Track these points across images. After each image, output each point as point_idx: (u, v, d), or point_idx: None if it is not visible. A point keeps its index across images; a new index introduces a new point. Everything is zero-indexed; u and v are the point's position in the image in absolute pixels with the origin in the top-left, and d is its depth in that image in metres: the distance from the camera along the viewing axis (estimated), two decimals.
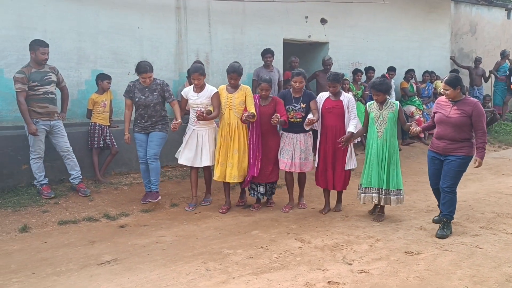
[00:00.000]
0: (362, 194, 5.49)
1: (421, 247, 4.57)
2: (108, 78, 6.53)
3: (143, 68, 5.59)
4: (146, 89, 5.73)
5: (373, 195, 5.40)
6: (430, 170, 5.23)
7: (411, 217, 5.57)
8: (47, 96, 5.68)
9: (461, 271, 3.98)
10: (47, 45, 5.64)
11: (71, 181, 6.03)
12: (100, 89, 6.52)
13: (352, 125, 5.64)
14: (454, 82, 4.84)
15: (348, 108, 5.73)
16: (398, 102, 5.54)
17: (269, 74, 7.00)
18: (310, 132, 5.93)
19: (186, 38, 7.63)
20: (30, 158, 5.76)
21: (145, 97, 5.72)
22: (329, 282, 3.77)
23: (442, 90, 4.98)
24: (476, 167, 4.92)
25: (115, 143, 6.58)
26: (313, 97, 5.85)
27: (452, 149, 4.88)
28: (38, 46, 5.57)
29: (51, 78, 5.72)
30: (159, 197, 5.86)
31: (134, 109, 5.87)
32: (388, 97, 5.47)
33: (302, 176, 6.11)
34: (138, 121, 5.85)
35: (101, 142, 6.47)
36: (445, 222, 4.98)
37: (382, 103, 5.42)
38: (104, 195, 6.11)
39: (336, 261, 4.23)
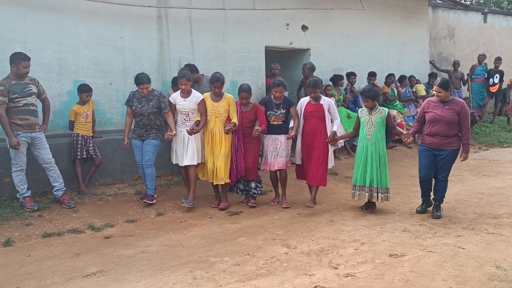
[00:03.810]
0: (357, 192, 5.92)
1: (406, 249, 4.63)
2: (87, 91, 6.47)
3: (140, 79, 6.05)
4: (144, 99, 6.15)
5: (366, 193, 5.86)
6: (423, 162, 5.75)
7: (395, 220, 5.64)
8: (27, 108, 5.63)
9: (445, 271, 4.04)
10: (28, 59, 5.60)
11: (55, 193, 5.97)
12: (81, 100, 6.48)
13: (335, 125, 6.18)
14: (446, 85, 5.53)
15: (329, 111, 6.23)
16: (386, 109, 5.98)
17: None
18: None
19: (168, 47, 7.64)
20: (12, 170, 5.69)
21: (141, 106, 6.13)
22: (315, 287, 3.79)
23: (435, 92, 5.61)
24: (462, 160, 5.70)
25: (98, 154, 6.54)
26: (293, 103, 6.34)
27: (444, 144, 5.56)
28: (20, 60, 5.52)
29: (31, 90, 5.67)
30: (154, 201, 6.26)
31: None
32: (377, 103, 5.91)
33: (283, 175, 6.40)
34: (135, 129, 6.27)
35: (85, 153, 6.42)
36: (437, 205, 5.75)
37: (371, 108, 5.85)
38: (88, 206, 6.06)
39: (322, 265, 4.27)
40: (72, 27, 6.69)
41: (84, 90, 6.45)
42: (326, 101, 6.25)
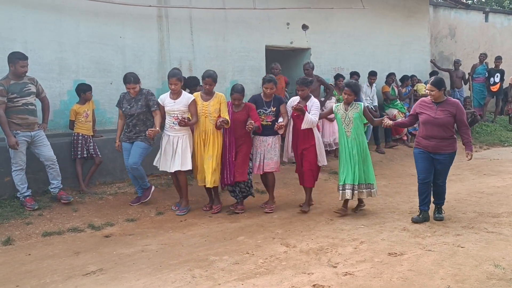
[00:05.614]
0: (340, 191, 5.73)
1: (405, 248, 4.63)
2: (89, 89, 6.49)
3: (127, 78, 5.85)
4: (133, 100, 5.95)
5: (347, 191, 5.65)
6: (420, 165, 5.48)
7: (395, 219, 5.64)
8: (26, 107, 5.63)
9: (443, 270, 4.04)
10: (26, 58, 5.60)
11: (51, 190, 5.94)
12: (82, 99, 6.49)
13: (312, 115, 5.79)
14: (439, 83, 5.25)
15: (310, 109, 5.88)
16: (362, 103, 5.83)
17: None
18: (279, 135, 6.10)
19: (168, 46, 7.65)
20: (12, 170, 5.70)
21: (130, 107, 5.94)
22: (314, 286, 3.80)
23: (428, 91, 5.33)
24: (469, 159, 5.46)
25: (99, 153, 6.55)
26: (283, 101, 6.17)
27: (441, 147, 5.31)
28: (17, 59, 5.53)
29: (30, 89, 5.68)
30: (149, 197, 6.17)
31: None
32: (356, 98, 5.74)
33: (270, 178, 6.18)
34: (125, 131, 6.09)
35: (85, 152, 6.43)
36: (439, 208, 5.61)
37: (348, 104, 5.70)
38: (88, 205, 6.08)
39: (321, 264, 4.27)
40: (73, 26, 6.70)
41: (86, 89, 6.46)
42: (311, 102, 5.95)
